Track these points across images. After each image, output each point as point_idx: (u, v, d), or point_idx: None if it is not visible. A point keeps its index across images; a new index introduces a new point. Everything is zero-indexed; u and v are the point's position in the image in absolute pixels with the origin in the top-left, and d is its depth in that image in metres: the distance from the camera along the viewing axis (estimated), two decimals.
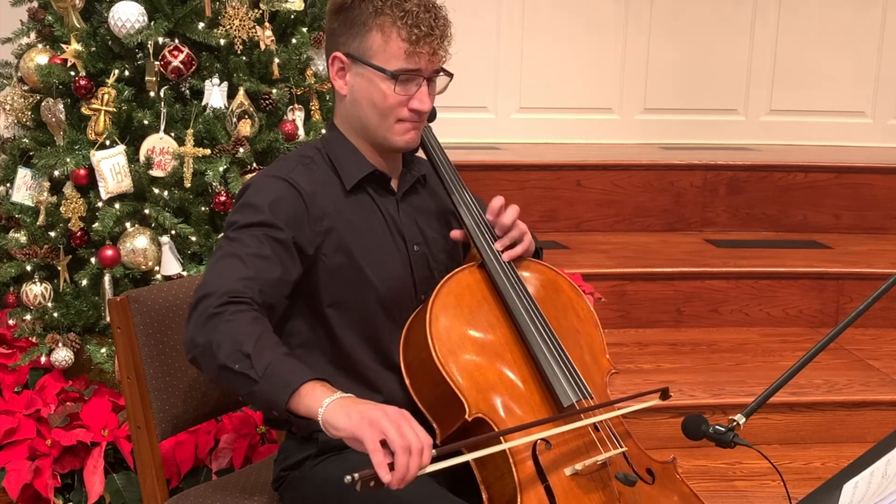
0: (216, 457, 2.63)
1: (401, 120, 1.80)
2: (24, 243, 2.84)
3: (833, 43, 5.24)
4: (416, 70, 1.77)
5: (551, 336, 1.80)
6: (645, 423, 3.14)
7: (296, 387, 1.51)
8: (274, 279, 1.69)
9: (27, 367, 2.82)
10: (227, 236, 1.75)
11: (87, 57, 2.73)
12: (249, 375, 1.54)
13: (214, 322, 1.59)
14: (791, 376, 1.59)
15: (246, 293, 1.63)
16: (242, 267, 1.66)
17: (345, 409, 1.47)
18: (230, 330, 1.57)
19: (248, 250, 1.69)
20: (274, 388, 1.52)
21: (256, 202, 1.75)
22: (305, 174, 1.81)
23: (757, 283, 3.97)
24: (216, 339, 1.58)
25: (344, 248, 1.79)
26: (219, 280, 1.65)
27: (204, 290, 1.64)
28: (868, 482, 1.23)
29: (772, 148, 5.13)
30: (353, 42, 1.78)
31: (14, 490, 2.55)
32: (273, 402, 1.53)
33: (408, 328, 1.82)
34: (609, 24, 5.15)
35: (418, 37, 1.74)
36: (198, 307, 1.63)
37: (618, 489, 1.72)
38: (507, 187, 4.36)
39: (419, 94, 1.79)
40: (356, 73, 1.80)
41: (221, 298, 1.61)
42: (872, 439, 3.16)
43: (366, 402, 1.50)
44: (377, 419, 1.44)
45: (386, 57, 1.76)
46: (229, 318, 1.59)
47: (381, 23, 1.75)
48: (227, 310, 1.60)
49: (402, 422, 1.45)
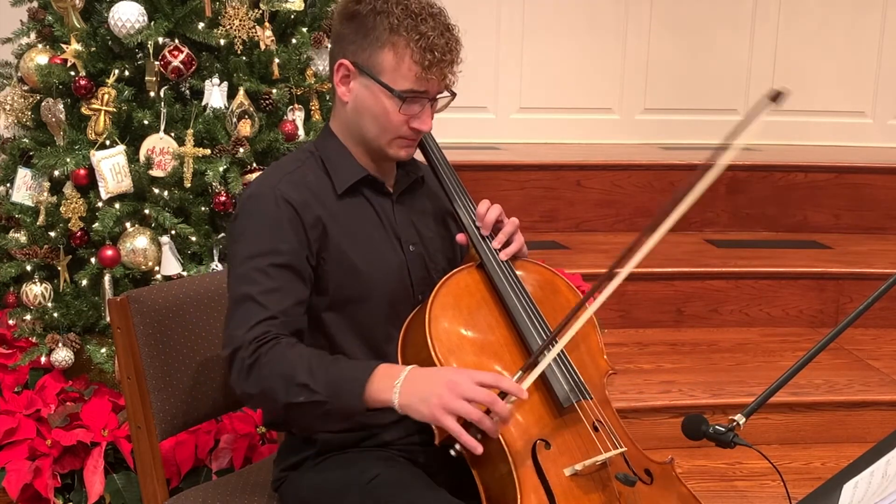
0: (216, 457, 2.63)
1: (400, 136, 1.80)
2: (24, 243, 2.84)
3: (833, 43, 5.24)
4: (423, 92, 1.76)
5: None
6: (645, 423, 3.14)
7: (362, 394, 1.59)
8: (290, 306, 1.72)
9: (27, 367, 2.82)
10: (235, 273, 1.76)
11: (87, 57, 2.73)
12: (317, 401, 1.61)
13: (255, 371, 1.65)
14: (791, 376, 1.59)
15: (269, 332, 1.67)
16: (259, 308, 1.69)
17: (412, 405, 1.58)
18: (274, 370, 1.64)
19: (259, 288, 1.71)
20: (347, 402, 1.61)
21: (254, 230, 1.75)
22: (295, 182, 1.80)
23: (757, 283, 3.97)
24: (267, 383, 1.64)
25: (339, 250, 1.79)
26: (241, 329, 1.68)
27: (233, 344, 1.68)
28: (868, 482, 1.23)
29: (772, 148, 5.13)
30: (362, 53, 1.76)
31: (14, 490, 2.55)
32: (352, 412, 1.62)
33: (406, 328, 1.82)
34: (609, 24, 5.15)
35: (431, 62, 1.72)
36: (234, 363, 1.67)
37: (617, 489, 1.72)
38: (507, 187, 4.36)
39: (422, 115, 1.78)
40: (361, 84, 1.78)
41: (250, 348, 1.65)
42: (872, 439, 3.15)
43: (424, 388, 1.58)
44: (444, 405, 1.55)
45: (395, 77, 1.74)
46: (266, 360, 1.64)
47: (395, 42, 1.73)
48: (259, 354, 1.65)
49: (463, 387, 1.56)
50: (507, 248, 1.88)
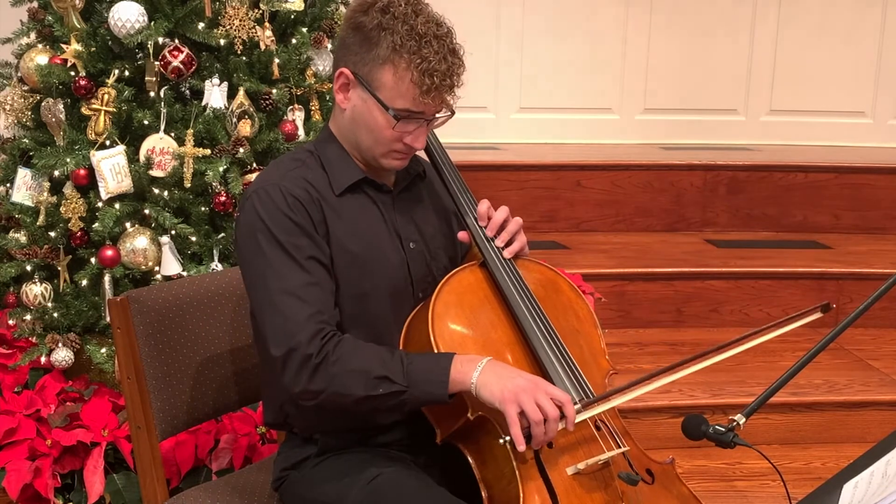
0: (216, 457, 2.63)
1: (394, 150, 1.80)
2: (24, 243, 2.84)
3: (833, 43, 5.24)
4: (419, 113, 1.75)
5: (553, 335, 1.80)
6: (645, 423, 3.14)
7: (446, 380, 1.65)
8: (328, 300, 1.74)
9: (27, 367, 2.82)
10: (259, 269, 1.74)
11: (87, 57, 2.73)
12: (397, 391, 1.66)
13: (324, 368, 1.66)
14: (791, 376, 1.59)
15: (324, 328, 1.69)
16: (303, 304, 1.70)
17: (488, 385, 1.63)
18: (347, 367, 1.67)
19: (295, 282, 1.71)
20: (429, 387, 1.66)
21: (268, 224, 1.74)
22: (296, 179, 1.80)
23: (757, 283, 3.97)
24: (339, 380, 1.66)
25: (341, 246, 1.79)
26: (293, 326, 1.68)
27: (287, 343, 1.67)
28: (868, 482, 1.23)
29: (772, 148, 5.13)
30: (363, 66, 1.76)
31: (14, 490, 2.55)
32: (433, 399, 1.67)
33: (408, 326, 1.82)
34: (609, 24, 5.15)
35: (430, 87, 1.71)
36: (291, 361, 1.67)
37: (620, 489, 1.72)
38: (507, 187, 4.36)
39: (417, 133, 1.77)
40: (359, 96, 1.78)
41: (312, 346, 1.67)
42: (872, 439, 3.16)
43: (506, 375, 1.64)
44: (516, 395, 1.61)
45: (393, 95, 1.73)
46: (334, 358, 1.67)
47: (396, 62, 1.72)
48: (326, 352, 1.67)
49: (538, 394, 1.61)
50: (510, 247, 1.88)
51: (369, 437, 1.84)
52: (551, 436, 1.63)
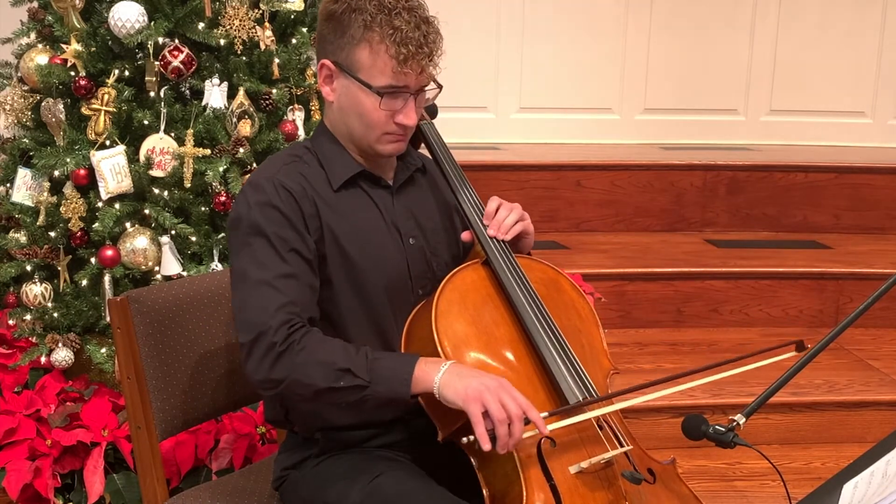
0: (216, 457, 2.63)
1: (387, 133, 1.80)
2: (24, 243, 2.84)
3: (833, 43, 5.24)
4: (402, 87, 1.75)
5: (556, 334, 1.80)
6: (645, 423, 3.14)
7: (409, 378, 1.64)
8: (304, 293, 1.74)
9: (27, 367, 2.82)
10: (242, 258, 1.75)
11: (87, 57, 2.73)
12: (358, 385, 1.64)
13: (288, 356, 1.65)
14: (791, 376, 1.59)
15: (294, 320, 1.68)
16: (277, 294, 1.70)
17: (451, 384, 1.61)
18: (311, 357, 1.65)
19: (273, 273, 1.71)
20: (391, 384, 1.65)
21: (258, 216, 1.74)
22: (292, 173, 1.80)
23: (757, 283, 3.97)
24: (301, 370, 1.65)
25: (336, 241, 1.79)
26: (263, 314, 1.68)
27: (255, 329, 1.67)
28: (868, 482, 1.23)
29: (772, 148, 5.13)
30: (341, 52, 1.77)
31: (14, 490, 2.55)
32: (394, 396, 1.65)
33: (410, 323, 1.82)
34: (609, 24, 5.14)
35: (406, 56, 1.72)
36: (256, 347, 1.67)
37: (624, 488, 1.71)
38: (507, 187, 4.36)
39: (405, 110, 1.77)
40: (343, 83, 1.79)
41: (279, 334, 1.66)
42: (872, 439, 3.16)
43: (470, 374, 1.63)
44: (480, 393, 1.59)
45: (373, 73, 1.74)
46: (300, 347, 1.66)
47: (369, 38, 1.73)
48: (293, 340, 1.66)
49: (502, 393, 1.59)
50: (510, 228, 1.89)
51: (370, 437, 1.84)
52: (517, 437, 1.60)
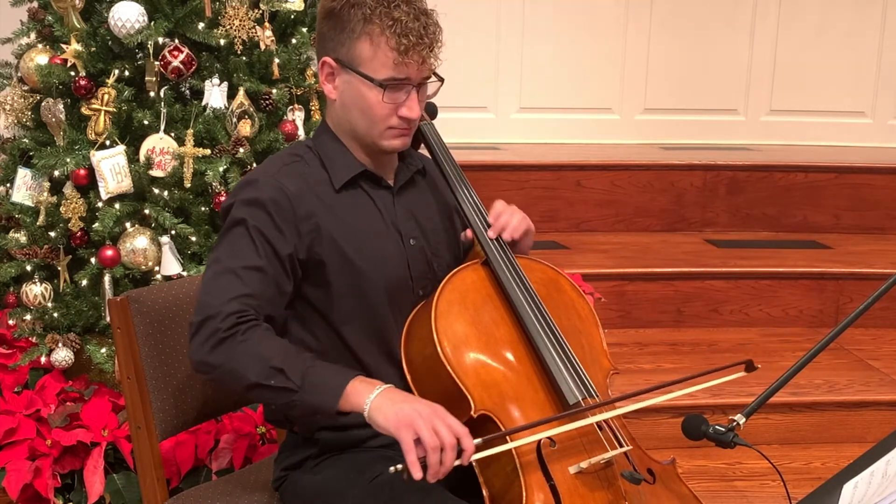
0: (216, 457, 2.63)
1: (391, 127, 1.80)
2: (24, 243, 2.84)
3: (833, 43, 5.24)
4: (404, 79, 1.76)
5: (556, 334, 1.80)
6: (645, 423, 3.14)
7: (340, 391, 1.60)
8: (268, 290, 1.72)
9: (27, 367, 2.82)
10: (220, 244, 1.76)
11: (87, 57, 2.73)
12: (288, 388, 1.61)
13: (229, 344, 1.64)
14: (791, 376, 1.59)
15: (248, 311, 1.67)
16: (239, 283, 1.69)
17: (382, 409, 1.57)
18: (250, 349, 1.63)
19: (243, 263, 1.71)
20: (319, 394, 1.61)
21: (247, 211, 1.75)
22: (292, 174, 1.80)
23: (757, 283, 3.97)
24: (238, 360, 1.63)
25: (334, 243, 1.79)
26: (218, 299, 1.67)
27: (206, 312, 1.66)
28: (868, 482, 1.23)
29: (772, 148, 5.13)
30: (341, 48, 1.77)
31: (14, 490, 2.55)
32: (319, 408, 1.62)
33: (410, 324, 1.82)
34: (609, 24, 5.14)
35: (407, 47, 1.72)
36: (202, 329, 1.66)
37: (623, 488, 1.71)
38: (507, 187, 4.36)
39: (408, 103, 1.78)
40: (345, 80, 1.79)
41: (228, 321, 1.64)
42: (872, 439, 3.16)
43: (403, 399, 1.59)
44: (412, 420, 1.54)
45: (374, 66, 1.74)
46: (242, 338, 1.64)
47: (369, 31, 1.73)
48: (237, 330, 1.64)
49: (436, 420, 1.55)
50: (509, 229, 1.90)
51: (370, 437, 1.84)
52: (448, 466, 1.55)
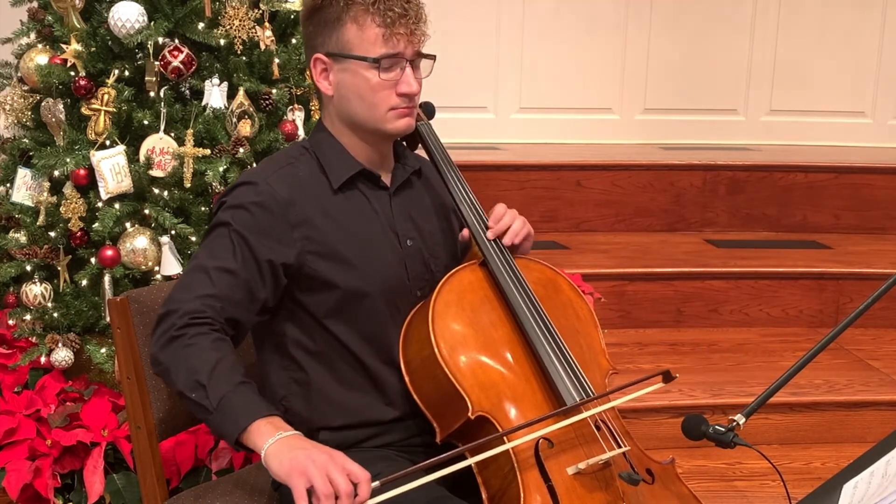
0: (216, 457, 2.63)
1: (392, 108, 1.81)
2: (24, 243, 2.84)
3: (833, 43, 5.24)
4: (396, 54, 1.77)
5: (553, 335, 1.80)
6: (645, 423, 3.14)
7: (244, 426, 1.57)
8: (236, 294, 1.72)
9: (27, 367, 2.82)
10: (203, 244, 1.78)
11: (87, 57, 2.73)
12: (205, 406, 1.60)
13: (175, 345, 1.65)
14: (791, 376, 1.59)
15: (206, 312, 1.67)
16: (207, 283, 1.70)
17: (279, 455, 1.52)
18: (188, 356, 1.63)
19: (216, 263, 1.72)
20: (225, 423, 1.59)
21: (233, 215, 1.76)
22: (286, 178, 1.80)
23: (757, 283, 3.97)
24: (176, 363, 1.65)
25: (330, 246, 1.79)
26: (183, 295, 1.69)
27: (168, 306, 1.69)
28: (868, 482, 1.23)
29: (772, 148, 5.13)
30: (330, 40, 1.80)
31: (14, 490, 2.55)
32: (224, 436, 1.61)
33: (408, 325, 1.82)
34: (609, 24, 5.15)
35: (393, 19, 1.75)
36: (161, 324, 1.69)
37: (621, 488, 1.72)
38: (507, 187, 4.36)
39: (405, 78, 1.79)
40: (339, 70, 1.81)
41: (183, 319, 1.66)
42: (872, 439, 3.16)
43: (301, 446, 1.54)
44: (305, 467, 1.49)
45: (365, 46, 1.77)
46: (188, 341, 1.64)
47: (353, 14, 1.76)
48: (187, 332, 1.65)
49: (331, 467, 1.49)
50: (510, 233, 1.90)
51: (369, 437, 1.84)
52: None
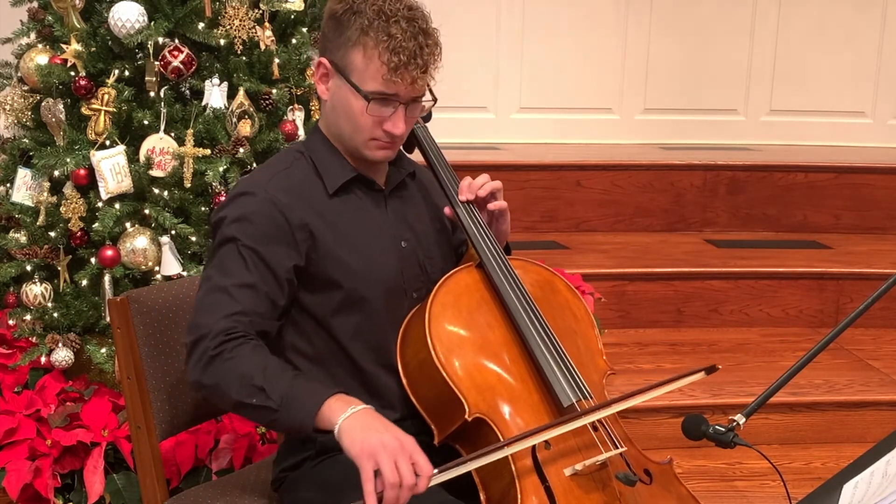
0: (216, 457, 2.63)
1: (374, 139, 1.79)
2: (24, 243, 2.84)
3: (833, 43, 5.24)
4: (392, 95, 1.75)
5: (550, 336, 1.80)
6: (645, 423, 3.14)
7: (315, 411, 1.57)
8: (261, 306, 1.72)
9: (27, 367, 2.82)
10: (212, 262, 1.77)
11: (87, 57, 2.73)
12: (269, 406, 1.61)
13: (217, 363, 1.65)
14: (791, 376, 1.59)
15: (237, 328, 1.67)
16: (229, 301, 1.70)
17: (351, 432, 1.53)
18: (235, 367, 1.64)
19: (234, 281, 1.71)
20: (296, 414, 1.59)
21: (238, 227, 1.75)
22: (283, 183, 1.80)
23: (757, 283, 3.97)
24: (224, 378, 1.64)
25: (329, 250, 1.79)
26: (209, 318, 1.69)
27: (198, 332, 1.68)
28: (868, 482, 1.23)
29: (772, 148, 5.13)
30: (337, 52, 1.78)
31: (14, 490, 2.55)
32: (298, 427, 1.61)
33: (405, 328, 1.82)
34: (609, 23, 5.15)
35: (397, 65, 1.71)
36: (195, 350, 1.67)
37: (618, 489, 1.72)
38: (507, 187, 4.28)
39: (393, 118, 1.77)
40: (336, 83, 1.79)
41: (216, 339, 1.65)
42: (872, 439, 3.15)
43: (374, 427, 1.54)
44: (375, 451, 1.50)
45: (363, 77, 1.74)
46: (229, 355, 1.64)
47: (364, 42, 1.72)
48: (225, 349, 1.65)
49: (400, 456, 1.50)
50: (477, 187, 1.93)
51: None
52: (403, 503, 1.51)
